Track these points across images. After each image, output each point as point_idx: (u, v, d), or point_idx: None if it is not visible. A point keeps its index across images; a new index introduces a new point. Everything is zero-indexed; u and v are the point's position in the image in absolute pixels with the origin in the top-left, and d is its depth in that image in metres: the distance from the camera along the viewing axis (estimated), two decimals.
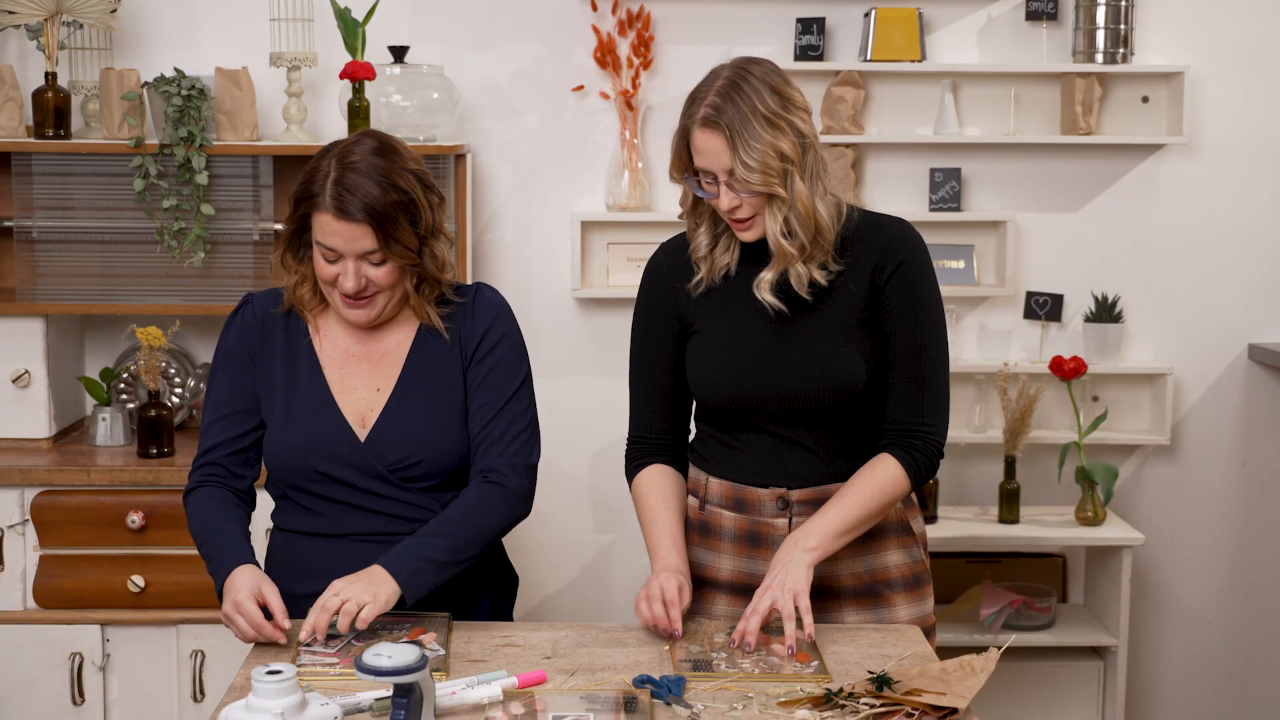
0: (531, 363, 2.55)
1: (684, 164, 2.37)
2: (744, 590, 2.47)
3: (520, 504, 2.44)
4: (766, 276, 2.36)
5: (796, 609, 2.24)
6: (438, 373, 2.45)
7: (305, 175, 2.36)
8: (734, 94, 2.28)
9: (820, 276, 2.35)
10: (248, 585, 2.27)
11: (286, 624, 2.26)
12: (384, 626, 2.30)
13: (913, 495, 2.54)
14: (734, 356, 2.41)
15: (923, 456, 2.39)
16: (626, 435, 2.57)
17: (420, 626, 2.31)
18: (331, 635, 2.26)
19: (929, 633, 2.51)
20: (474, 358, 2.45)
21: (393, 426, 2.41)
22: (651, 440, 2.54)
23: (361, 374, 2.45)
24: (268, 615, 2.27)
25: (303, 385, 2.43)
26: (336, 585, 2.23)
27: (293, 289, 2.45)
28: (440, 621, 2.34)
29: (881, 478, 2.37)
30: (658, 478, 2.51)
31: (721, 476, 2.48)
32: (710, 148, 2.29)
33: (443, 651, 2.24)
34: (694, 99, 2.33)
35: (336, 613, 2.20)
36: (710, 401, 2.47)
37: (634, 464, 2.55)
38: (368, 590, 2.22)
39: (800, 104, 2.33)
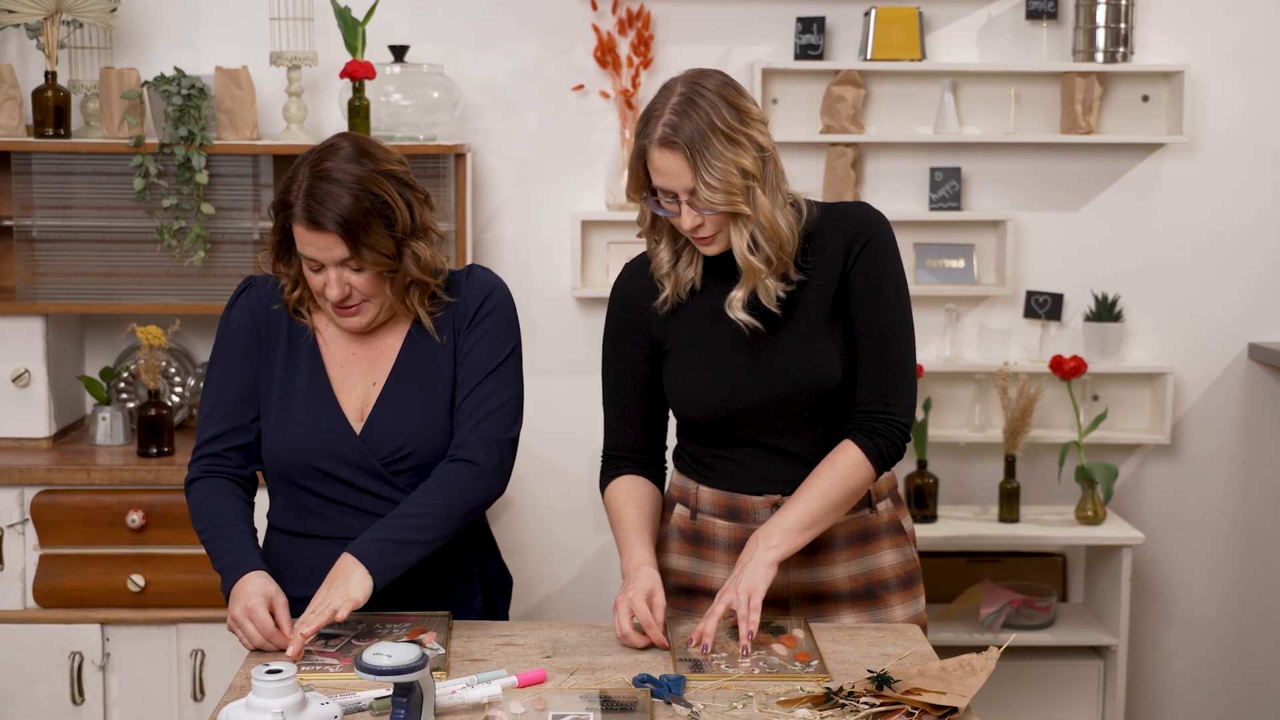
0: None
1: (641, 183, 2.32)
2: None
3: (493, 480, 2.39)
4: (738, 295, 2.33)
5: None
6: (428, 365, 2.43)
7: (283, 184, 2.33)
8: (690, 110, 2.23)
9: (781, 289, 2.33)
10: (260, 592, 2.26)
11: (286, 642, 2.24)
12: (383, 626, 2.31)
13: (900, 493, 2.54)
14: (712, 372, 2.40)
15: (884, 440, 2.35)
16: (601, 452, 2.56)
17: (420, 626, 2.31)
18: (331, 635, 2.27)
19: (922, 630, 2.49)
20: (469, 327, 2.43)
21: (385, 420, 2.40)
22: (625, 458, 2.52)
23: (360, 372, 2.44)
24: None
25: (304, 381, 2.42)
26: (313, 604, 2.22)
27: (287, 291, 2.44)
28: (440, 621, 2.34)
29: (842, 467, 2.34)
30: (628, 484, 2.49)
31: (714, 486, 2.47)
32: (670, 168, 2.24)
33: (442, 650, 2.24)
34: (649, 117, 2.27)
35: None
36: (694, 418, 2.45)
37: (607, 476, 2.53)
38: (338, 594, 2.21)
39: (757, 116, 2.28)
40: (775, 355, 2.37)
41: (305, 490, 2.42)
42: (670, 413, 2.53)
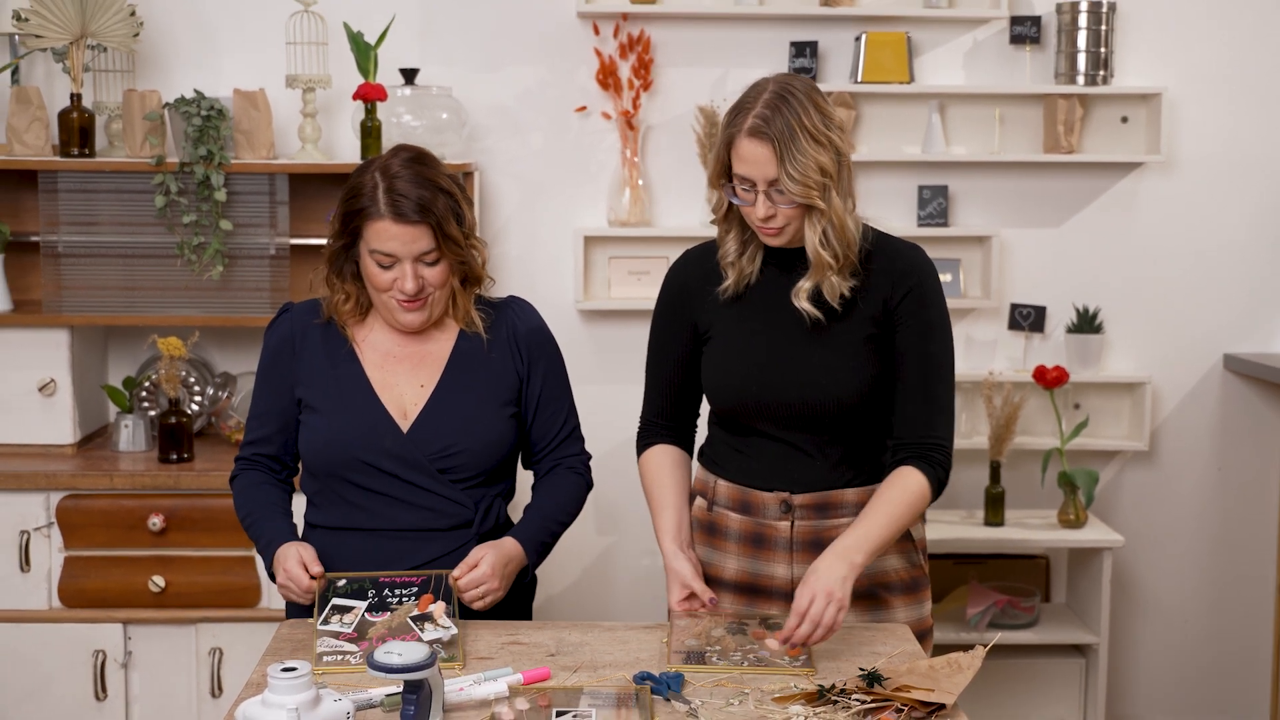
0: None
1: (722, 172, 2.42)
2: (748, 589, 2.54)
3: (589, 491, 2.69)
4: (805, 286, 2.41)
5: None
6: (481, 369, 2.55)
7: (350, 193, 2.46)
8: (782, 106, 2.32)
9: (847, 289, 2.41)
10: (292, 556, 2.40)
11: (317, 568, 2.38)
12: (391, 593, 2.37)
13: None
14: (746, 363, 2.48)
15: (942, 470, 2.42)
16: (640, 414, 2.68)
17: (428, 594, 2.36)
18: (345, 609, 2.33)
19: (927, 634, 2.56)
20: (531, 363, 2.58)
21: (436, 417, 2.50)
22: (659, 424, 2.64)
23: (404, 372, 2.54)
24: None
25: (345, 383, 2.52)
26: (487, 561, 2.42)
27: (336, 306, 2.55)
28: (442, 581, 2.40)
29: (913, 493, 2.39)
30: (660, 456, 2.62)
31: (729, 479, 2.56)
32: (756, 157, 2.32)
33: (454, 629, 2.30)
34: (740, 110, 2.35)
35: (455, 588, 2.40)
36: (721, 405, 2.55)
37: (643, 442, 2.66)
38: (505, 582, 2.45)
39: (838, 122, 2.36)
40: (806, 361, 2.45)
41: (349, 483, 2.51)
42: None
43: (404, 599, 2.36)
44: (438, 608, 2.34)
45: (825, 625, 2.24)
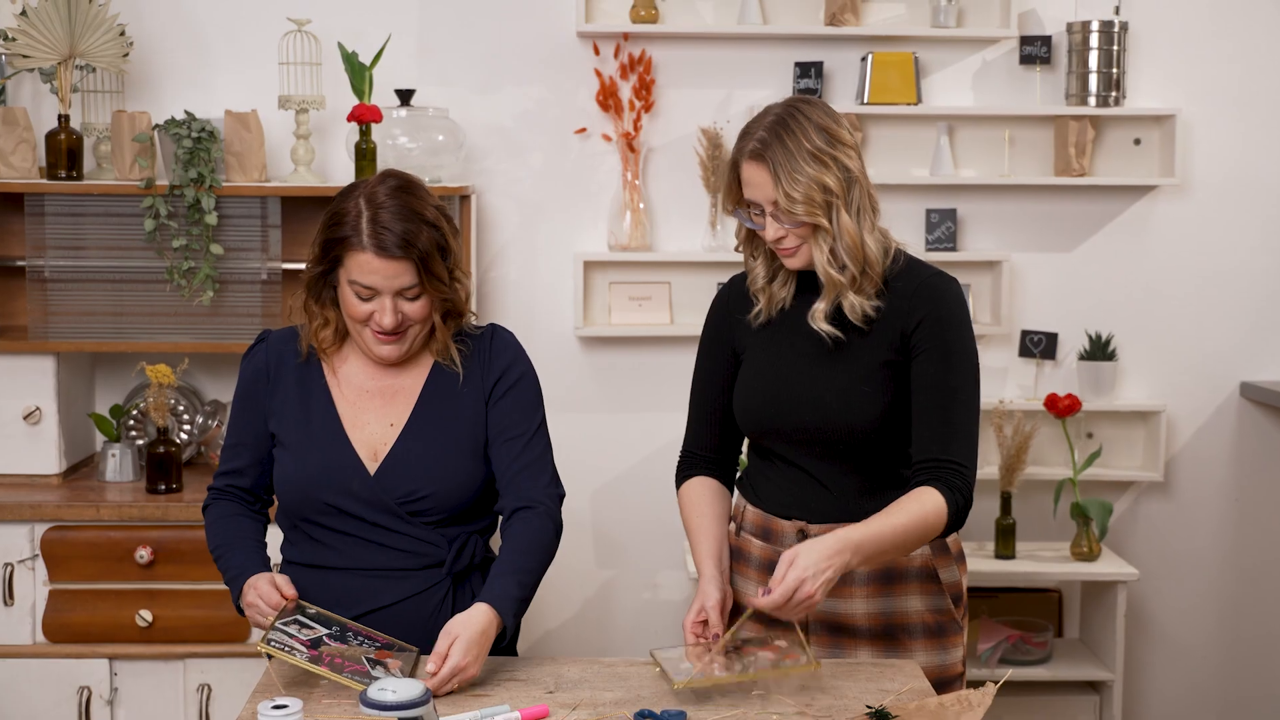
0: None
1: (735, 196, 2.43)
2: (764, 616, 2.46)
3: (560, 535, 2.49)
4: (820, 307, 2.41)
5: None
6: (452, 409, 2.49)
7: (332, 219, 2.40)
8: (781, 130, 2.35)
9: (871, 309, 2.39)
10: (265, 578, 2.37)
11: (291, 591, 2.36)
12: (355, 636, 2.34)
13: (947, 544, 2.52)
14: (765, 385, 2.48)
15: (961, 496, 2.34)
16: (681, 447, 2.65)
17: (389, 650, 2.34)
18: (306, 625, 2.31)
19: (950, 682, 2.50)
20: (494, 393, 2.50)
21: (403, 460, 2.45)
22: (700, 456, 2.63)
23: (375, 409, 2.49)
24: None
25: (316, 419, 2.48)
26: (459, 649, 2.26)
27: (314, 332, 2.49)
28: (409, 655, 2.36)
29: (929, 508, 2.32)
30: (700, 487, 2.60)
31: (756, 505, 2.56)
32: (756, 180, 2.37)
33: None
34: (744, 134, 2.40)
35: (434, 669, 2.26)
36: (744, 428, 2.55)
37: (682, 474, 2.64)
38: (479, 659, 2.28)
39: (848, 142, 2.38)
40: (822, 385, 2.43)
41: (318, 524, 2.47)
42: None
43: (365, 643, 2.34)
44: (394, 662, 2.31)
45: (794, 608, 2.22)
